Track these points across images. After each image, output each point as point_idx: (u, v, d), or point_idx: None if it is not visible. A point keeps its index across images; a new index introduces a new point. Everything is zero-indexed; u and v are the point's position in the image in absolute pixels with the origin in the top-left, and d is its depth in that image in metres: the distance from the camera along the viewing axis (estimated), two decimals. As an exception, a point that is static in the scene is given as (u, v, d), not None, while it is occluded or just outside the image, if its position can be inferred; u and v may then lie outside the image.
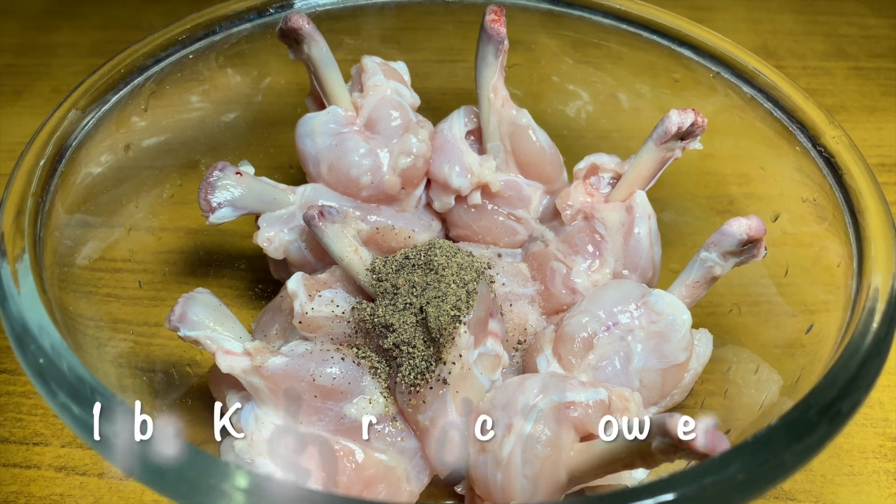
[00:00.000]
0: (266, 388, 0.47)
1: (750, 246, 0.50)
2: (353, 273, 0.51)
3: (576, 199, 0.57)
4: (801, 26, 0.98)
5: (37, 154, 0.48)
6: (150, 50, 0.57)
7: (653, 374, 0.50)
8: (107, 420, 0.36)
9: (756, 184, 0.60)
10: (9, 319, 0.40)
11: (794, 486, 0.54)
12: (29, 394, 0.58)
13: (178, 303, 0.49)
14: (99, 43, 0.92)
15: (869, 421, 0.58)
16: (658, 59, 0.62)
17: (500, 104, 0.58)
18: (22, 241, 0.44)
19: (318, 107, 0.60)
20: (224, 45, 0.61)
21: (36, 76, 0.87)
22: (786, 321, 0.53)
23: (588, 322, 0.50)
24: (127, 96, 0.55)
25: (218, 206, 0.55)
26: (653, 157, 0.55)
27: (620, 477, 0.48)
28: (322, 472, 0.46)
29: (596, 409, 0.45)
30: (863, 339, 0.41)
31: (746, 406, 0.51)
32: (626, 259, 0.55)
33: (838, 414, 0.38)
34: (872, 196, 0.48)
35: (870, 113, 0.86)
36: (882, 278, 0.44)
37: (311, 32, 0.56)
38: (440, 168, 0.59)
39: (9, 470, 0.54)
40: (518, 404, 0.45)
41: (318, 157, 0.58)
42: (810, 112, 0.54)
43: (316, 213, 0.51)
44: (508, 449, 0.44)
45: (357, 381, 0.48)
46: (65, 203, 0.50)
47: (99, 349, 0.48)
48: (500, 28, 0.55)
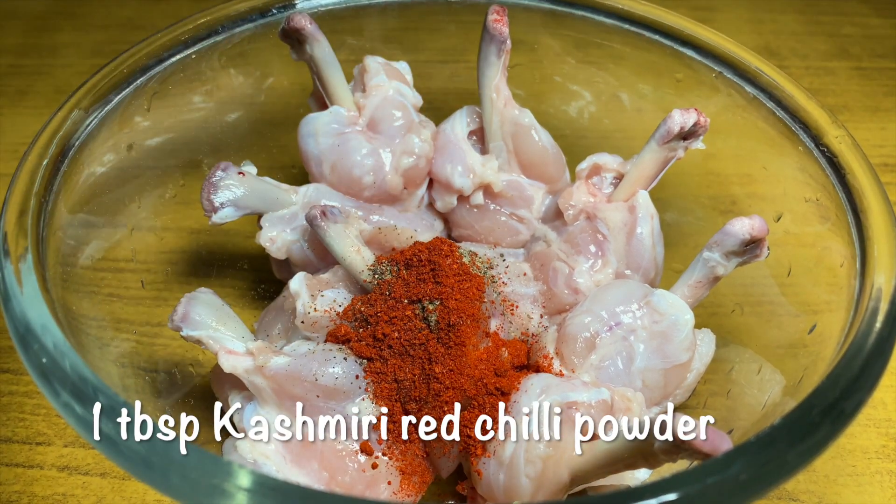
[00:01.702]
0: (268, 388, 0.47)
1: (752, 246, 0.50)
2: (355, 273, 0.51)
3: (578, 199, 0.57)
4: (803, 26, 0.98)
5: (40, 154, 0.49)
6: (153, 50, 0.57)
7: (655, 375, 0.49)
8: (109, 420, 0.36)
9: (759, 184, 0.60)
10: (12, 319, 0.41)
11: (796, 487, 0.54)
12: (32, 393, 0.59)
13: (181, 303, 0.49)
14: (101, 43, 0.92)
15: (872, 421, 0.58)
16: (661, 59, 0.62)
17: (503, 104, 0.58)
18: (25, 241, 0.44)
19: (320, 107, 0.60)
20: (227, 46, 0.61)
21: (38, 76, 0.87)
22: (788, 321, 0.53)
23: (590, 322, 0.50)
24: (130, 96, 0.55)
25: (220, 206, 0.55)
26: (655, 157, 0.55)
27: (623, 477, 0.48)
28: (324, 471, 0.46)
29: (598, 409, 0.45)
30: (866, 340, 0.41)
31: (749, 406, 0.51)
32: (629, 259, 0.55)
33: (841, 414, 0.38)
34: (875, 196, 0.48)
35: (872, 113, 0.86)
36: (885, 278, 0.44)
37: (313, 32, 0.56)
38: (442, 168, 0.59)
39: (12, 469, 0.54)
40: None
41: (320, 157, 0.58)
42: (813, 112, 0.54)
43: (318, 213, 0.51)
44: (511, 449, 0.44)
45: (359, 381, 0.48)
46: (68, 203, 0.50)
47: (101, 349, 0.48)
48: (502, 28, 0.55)
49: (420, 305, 0.49)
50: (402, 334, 0.48)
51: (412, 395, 0.48)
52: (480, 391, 0.48)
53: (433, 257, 0.51)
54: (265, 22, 0.62)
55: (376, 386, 0.48)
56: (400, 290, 0.50)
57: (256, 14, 0.61)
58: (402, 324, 0.48)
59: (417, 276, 0.50)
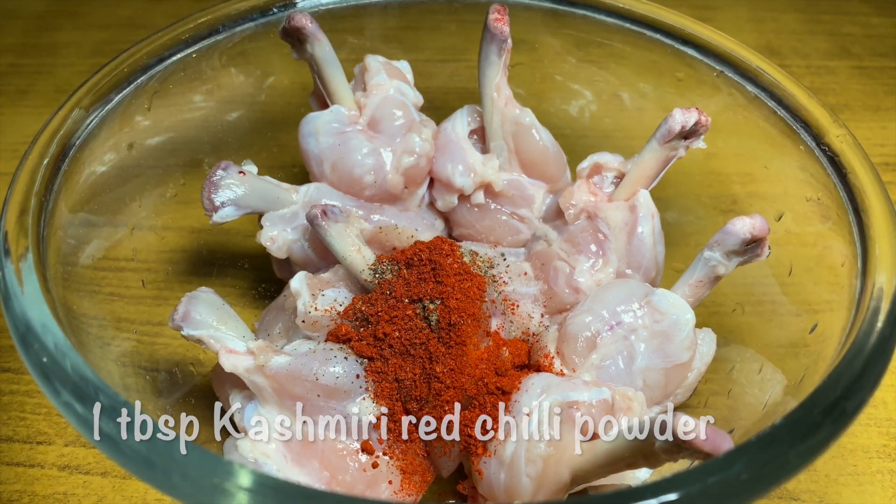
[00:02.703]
0: (269, 387, 0.47)
1: (753, 245, 0.50)
2: (355, 272, 0.51)
3: (579, 199, 0.57)
4: (804, 25, 0.98)
5: (40, 153, 0.49)
6: (154, 49, 0.57)
7: (656, 374, 0.49)
8: (110, 419, 0.36)
9: (760, 183, 0.60)
10: (12, 318, 0.41)
11: (797, 486, 0.54)
12: (32, 393, 0.59)
13: (182, 302, 0.49)
14: (101, 43, 0.92)
15: (873, 420, 0.58)
16: (661, 59, 0.62)
17: (504, 103, 0.58)
18: (26, 240, 0.44)
19: (321, 106, 0.60)
20: (227, 45, 0.61)
21: (39, 76, 0.87)
22: (789, 321, 0.53)
23: (591, 321, 0.50)
24: (130, 95, 0.55)
25: (221, 205, 0.55)
26: (656, 157, 0.55)
27: (624, 476, 0.48)
28: (325, 471, 0.46)
29: (599, 408, 0.45)
30: (867, 339, 0.41)
31: (750, 406, 0.51)
32: (630, 258, 0.55)
33: (842, 414, 0.38)
34: (877, 195, 0.48)
35: (873, 112, 0.86)
36: (886, 278, 0.44)
37: (314, 31, 0.56)
38: (443, 167, 0.59)
39: (12, 469, 0.54)
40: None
41: (321, 156, 0.58)
42: (814, 111, 0.54)
43: (319, 213, 0.51)
44: (511, 449, 0.44)
45: (360, 380, 0.48)
46: (68, 202, 0.50)
47: (102, 348, 0.48)
48: (503, 27, 0.55)
49: (421, 305, 0.49)
50: (403, 334, 0.48)
51: (413, 394, 0.48)
52: (481, 390, 0.48)
53: (434, 257, 0.51)
54: (266, 21, 0.62)
55: (377, 385, 0.48)
56: (401, 289, 0.50)
57: (257, 13, 0.61)
58: (403, 323, 0.48)
59: (418, 276, 0.50)
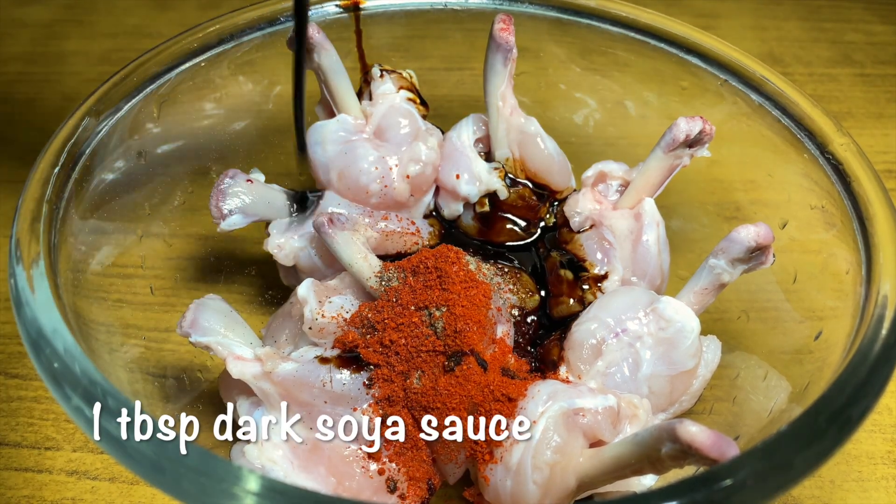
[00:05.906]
0: (276, 394, 0.47)
1: (758, 253, 0.50)
2: (362, 280, 0.52)
3: (584, 207, 0.57)
4: (807, 33, 0.98)
5: (51, 161, 0.49)
6: (163, 58, 0.58)
7: (661, 381, 0.50)
8: (119, 423, 0.37)
9: (764, 191, 0.60)
10: (24, 323, 0.41)
11: (802, 492, 0.54)
12: (41, 398, 0.59)
13: (190, 309, 0.49)
14: (109, 51, 0.92)
15: (878, 427, 0.58)
16: (665, 67, 0.62)
17: (509, 112, 0.58)
18: (37, 247, 0.44)
19: (327, 115, 0.61)
20: (235, 54, 0.61)
21: (47, 84, 0.88)
22: (794, 328, 0.53)
23: (597, 329, 0.50)
24: (140, 104, 0.56)
25: (229, 212, 0.55)
26: (661, 165, 0.55)
27: (629, 483, 0.48)
28: (331, 476, 0.47)
29: (605, 415, 0.45)
30: (872, 346, 0.42)
31: (755, 412, 0.51)
32: (635, 266, 0.55)
33: (848, 421, 0.38)
34: (881, 203, 0.48)
35: (876, 119, 0.86)
36: (891, 285, 0.44)
37: (321, 41, 0.56)
38: (449, 175, 0.59)
39: (21, 474, 0.54)
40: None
41: (327, 164, 0.58)
42: (818, 119, 0.54)
43: (326, 221, 0.51)
44: (518, 455, 0.45)
45: (366, 387, 0.48)
46: (79, 209, 0.50)
47: (111, 354, 0.48)
48: (509, 37, 0.56)
49: (427, 312, 0.49)
50: (409, 341, 0.48)
51: (419, 401, 0.48)
52: (487, 397, 0.48)
53: (440, 264, 0.51)
54: (273, 31, 0.62)
55: (383, 392, 0.48)
56: (407, 296, 0.50)
57: (265, 23, 0.62)
58: (410, 330, 0.49)
59: (424, 283, 0.50)
